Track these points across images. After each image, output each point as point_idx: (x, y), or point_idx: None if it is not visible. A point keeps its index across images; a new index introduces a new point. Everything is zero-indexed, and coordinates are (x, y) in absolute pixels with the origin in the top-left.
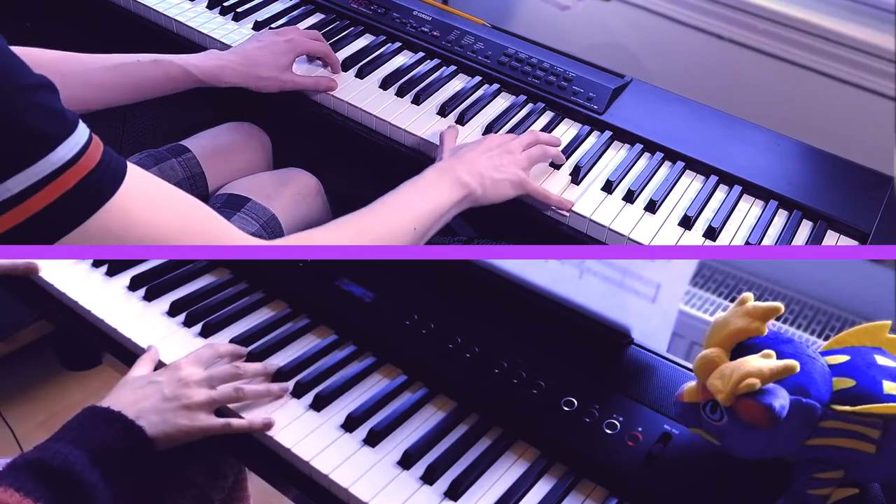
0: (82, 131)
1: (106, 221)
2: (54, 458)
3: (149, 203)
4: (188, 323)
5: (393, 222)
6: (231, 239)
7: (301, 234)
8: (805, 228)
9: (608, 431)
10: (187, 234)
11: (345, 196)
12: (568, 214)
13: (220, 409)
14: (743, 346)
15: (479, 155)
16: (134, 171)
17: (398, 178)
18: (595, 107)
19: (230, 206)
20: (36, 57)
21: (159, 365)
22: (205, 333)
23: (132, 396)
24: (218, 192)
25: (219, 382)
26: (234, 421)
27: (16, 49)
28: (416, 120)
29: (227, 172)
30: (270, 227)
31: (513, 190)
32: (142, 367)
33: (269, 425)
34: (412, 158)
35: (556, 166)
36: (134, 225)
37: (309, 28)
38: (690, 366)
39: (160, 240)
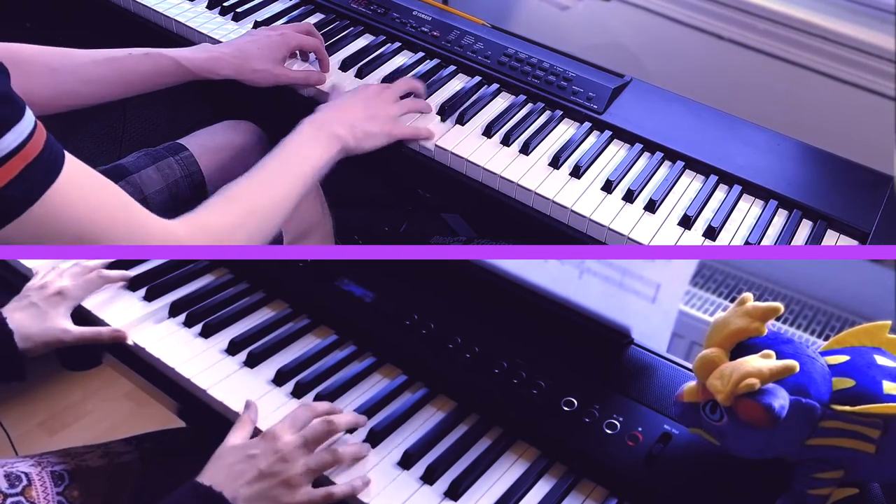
0: (29, 117)
1: (43, 213)
2: None
3: (83, 193)
4: (188, 323)
5: (278, 189)
6: (150, 226)
7: (193, 217)
8: (805, 228)
9: (608, 431)
10: (115, 224)
11: (343, 194)
12: (433, 148)
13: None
14: (743, 346)
15: (351, 106)
16: (70, 161)
17: (397, 177)
18: (595, 106)
19: None
20: (27, 53)
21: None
22: (205, 333)
23: (228, 473)
24: (217, 191)
25: (314, 445)
26: (335, 489)
27: (4, 45)
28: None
29: (225, 171)
30: None
31: (384, 139)
32: (240, 434)
33: (366, 484)
34: (412, 158)
35: (555, 166)
36: (69, 216)
37: None
38: (690, 366)
39: (92, 231)
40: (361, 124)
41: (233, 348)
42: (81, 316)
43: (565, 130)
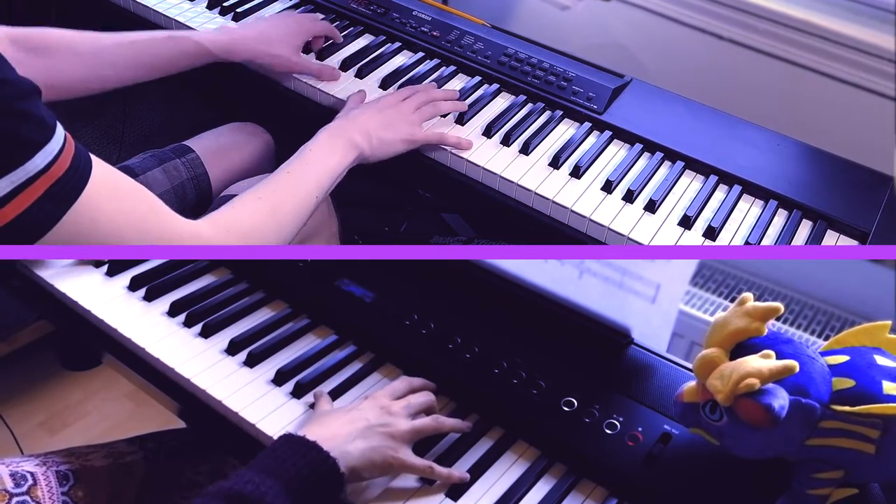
0: (59, 135)
1: (71, 227)
2: (246, 487)
3: (110, 201)
4: (188, 323)
5: (299, 193)
6: (178, 227)
7: (218, 216)
8: (805, 228)
9: (608, 431)
10: (142, 228)
11: (344, 195)
12: (467, 157)
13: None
14: (743, 346)
15: (370, 115)
16: (96, 168)
17: (397, 177)
18: (595, 106)
19: None
20: (54, 37)
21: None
22: (205, 333)
23: (336, 423)
24: (223, 193)
25: (416, 410)
26: (437, 467)
27: (31, 30)
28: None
29: (231, 172)
30: None
31: (403, 146)
32: (325, 403)
33: (464, 479)
34: (412, 158)
35: (555, 166)
36: (97, 225)
37: None
38: (690, 366)
39: (120, 237)
40: (377, 132)
41: (233, 348)
42: (79, 315)
43: (565, 130)
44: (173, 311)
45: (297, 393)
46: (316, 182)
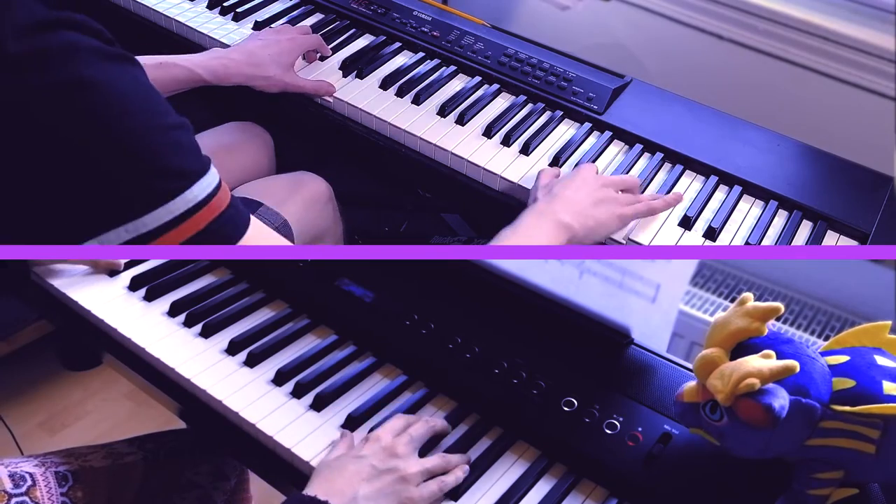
0: (213, 172)
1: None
2: None
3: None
4: (188, 323)
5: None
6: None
7: None
8: (805, 228)
9: (608, 431)
10: None
11: (344, 195)
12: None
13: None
14: (743, 346)
15: (575, 192)
16: (254, 221)
17: (397, 178)
18: (595, 107)
19: None
20: None
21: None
22: (205, 333)
23: (341, 479)
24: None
25: (420, 443)
26: (446, 478)
27: None
28: (416, 120)
29: (231, 172)
30: (282, 232)
31: (618, 224)
32: (336, 452)
33: (466, 473)
34: (412, 158)
35: (556, 166)
36: None
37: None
38: (690, 366)
39: None
40: (590, 211)
41: (233, 348)
42: (79, 315)
43: (566, 131)
44: (173, 311)
45: (297, 393)
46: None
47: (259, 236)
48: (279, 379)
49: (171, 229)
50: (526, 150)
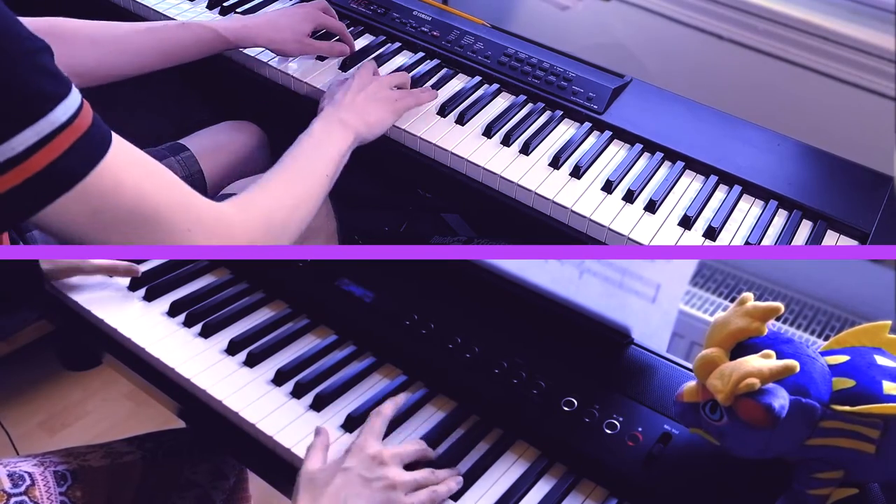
0: (75, 94)
1: (99, 183)
2: None
3: (134, 167)
4: (188, 323)
5: (308, 183)
6: (200, 205)
7: (239, 200)
8: (805, 228)
9: (608, 431)
10: (168, 199)
11: (344, 195)
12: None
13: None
14: (743, 346)
15: (354, 95)
16: (117, 137)
17: (397, 177)
18: (595, 107)
19: None
20: (70, 26)
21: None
22: (205, 333)
23: (329, 492)
24: (220, 192)
25: (408, 458)
26: (437, 488)
27: (47, 19)
28: (416, 120)
29: (226, 170)
30: None
31: (393, 117)
32: (315, 458)
33: (459, 484)
34: (412, 158)
35: (556, 166)
36: (123, 187)
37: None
38: (690, 366)
39: (146, 204)
40: (367, 110)
41: (232, 348)
42: (79, 315)
43: (565, 130)
44: (173, 311)
45: (297, 393)
46: (323, 164)
47: (125, 152)
48: (279, 379)
49: (38, 150)
50: (526, 149)
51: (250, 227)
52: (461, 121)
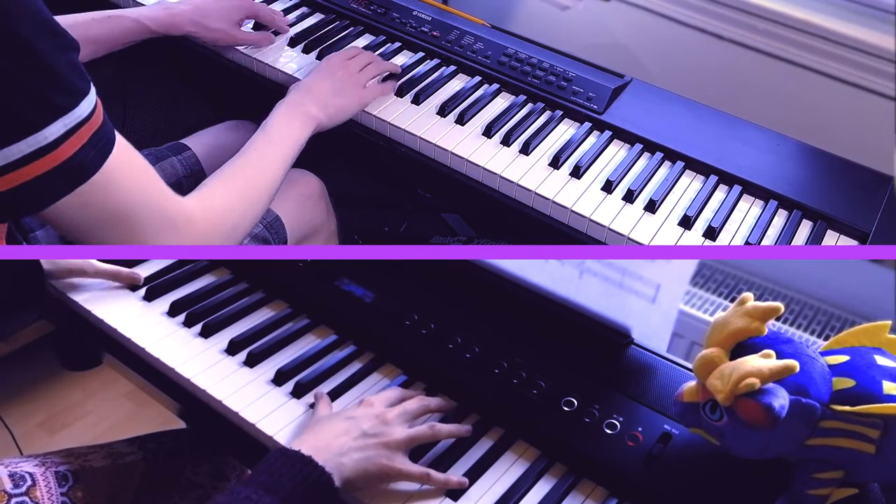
0: (93, 90)
1: (106, 177)
2: None
3: (131, 162)
4: (188, 323)
5: (267, 172)
6: (172, 201)
7: (199, 195)
8: (805, 228)
9: (608, 431)
10: (148, 193)
11: (344, 195)
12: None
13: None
14: (743, 346)
15: (322, 83)
16: (118, 134)
17: (397, 177)
18: (595, 106)
19: None
20: None
21: None
22: (205, 333)
23: (330, 433)
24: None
25: (412, 417)
26: (434, 473)
27: None
28: (416, 120)
29: None
30: (274, 229)
31: (357, 108)
32: (324, 407)
33: (462, 485)
34: (412, 158)
35: (555, 166)
36: (117, 185)
37: (308, 28)
38: (690, 366)
39: (133, 199)
40: (332, 100)
41: (232, 348)
42: (79, 315)
43: (565, 130)
44: (173, 311)
45: (297, 393)
46: (281, 157)
47: (126, 149)
48: (279, 379)
49: (65, 140)
50: (526, 149)
51: (209, 226)
52: (461, 121)
